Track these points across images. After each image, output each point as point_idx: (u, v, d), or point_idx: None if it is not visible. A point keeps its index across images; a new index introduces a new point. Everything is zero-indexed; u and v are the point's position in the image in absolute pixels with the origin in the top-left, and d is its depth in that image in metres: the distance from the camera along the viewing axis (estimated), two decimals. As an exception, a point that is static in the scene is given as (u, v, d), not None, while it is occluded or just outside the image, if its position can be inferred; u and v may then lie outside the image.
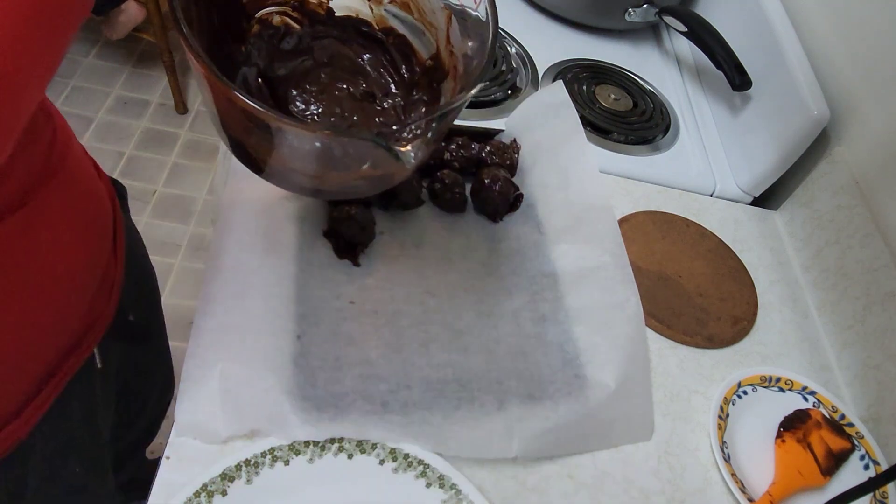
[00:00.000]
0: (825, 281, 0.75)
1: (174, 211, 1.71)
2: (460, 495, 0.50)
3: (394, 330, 0.58)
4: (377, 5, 0.59)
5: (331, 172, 0.49)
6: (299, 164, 0.48)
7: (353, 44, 0.61)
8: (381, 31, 0.60)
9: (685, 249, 0.75)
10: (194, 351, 0.52)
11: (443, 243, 0.65)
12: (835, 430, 0.62)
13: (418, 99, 0.59)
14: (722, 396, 0.62)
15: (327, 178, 0.50)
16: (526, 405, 0.55)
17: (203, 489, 0.46)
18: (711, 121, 0.94)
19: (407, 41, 0.59)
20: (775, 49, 0.82)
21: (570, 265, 0.65)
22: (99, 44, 2.03)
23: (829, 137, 0.80)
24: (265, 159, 0.47)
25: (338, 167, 0.48)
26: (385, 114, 0.60)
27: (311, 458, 0.50)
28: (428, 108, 0.58)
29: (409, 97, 0.59)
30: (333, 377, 0.53)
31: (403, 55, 0.60)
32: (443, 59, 0.56)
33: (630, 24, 1.00)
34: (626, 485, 0.56)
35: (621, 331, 0.60)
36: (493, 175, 0.67)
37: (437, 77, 0.57)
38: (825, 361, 0.71)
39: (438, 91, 0.57)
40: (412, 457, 0.51)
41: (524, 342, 0.60)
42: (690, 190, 0.84)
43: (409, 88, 0.60)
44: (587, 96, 0.90)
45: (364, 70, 0.61)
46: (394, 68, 0.61)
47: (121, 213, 0.62)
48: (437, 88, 0.57)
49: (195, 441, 0.50)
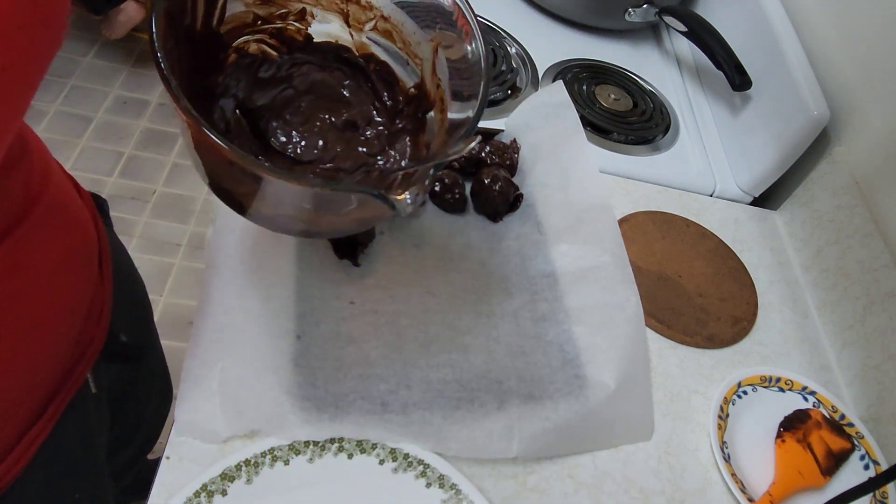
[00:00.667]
0: (825, 281, 0.75)
1: (174, 210, 1.71)
2: (460, 495, 0.50)
3: (394, 330, 0.58)
4: (358, 32, 0.57)
5: (321, 217, 0.48)
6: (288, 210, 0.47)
7: (334, 70, 0.59)
8: (361, 57, 0.58)
9: (685, 249, 0.75)
10: (194, 351, 0.52)
11: (443, 243, 0.65)
12: (835, 430, 0.62)
13: (402, 128, 0.58)
14: (722, 396, 0.62)
15: (317, 222, 0.49)
16: (526, 405, 0.55)
17: (203, 489, 0.46)
18: (711, 121, 0.94)
19: (389, 68, 0.57)
20: (775, 49, 0.82)
21: (569, 265, 0.65)
22: (98, 43, 2.03)
23: (829, 137, 0.80)
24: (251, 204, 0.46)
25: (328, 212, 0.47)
26: (368, 143, 0.58)
27: (311, 458, 0.50)
28: (412, 137, 0.57)
29: (393, 126, 0.58)
30: (333, 377, 0.53)
31: (385, 83, 0.58)
32: (428, 89, 0.54)
33: (630, 24, 1.00)
34: (626, 485, 0.56)
35: (621, 331, 0.60)
36: (493, 175, 0.67)
37: (423, 107, 0.55)
38: (825, 361, 0.71)
39: (423, 121, 0.56)
40: (412, 457, 0.51)
41: (524, 342, 0.60)
42: (690, 190, 0.84)
43: (392, 117, 0.58)
44: (587, 96, 0.90)
45: (345, 98, 0.59)
46: (376, 95, 0.59)
47: (105, 234, 0.60)
48: (421, 119, 0.56)
49: (195, 441, 0.50)
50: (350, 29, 0.57)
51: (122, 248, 0.70)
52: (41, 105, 1.84)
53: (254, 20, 0.55)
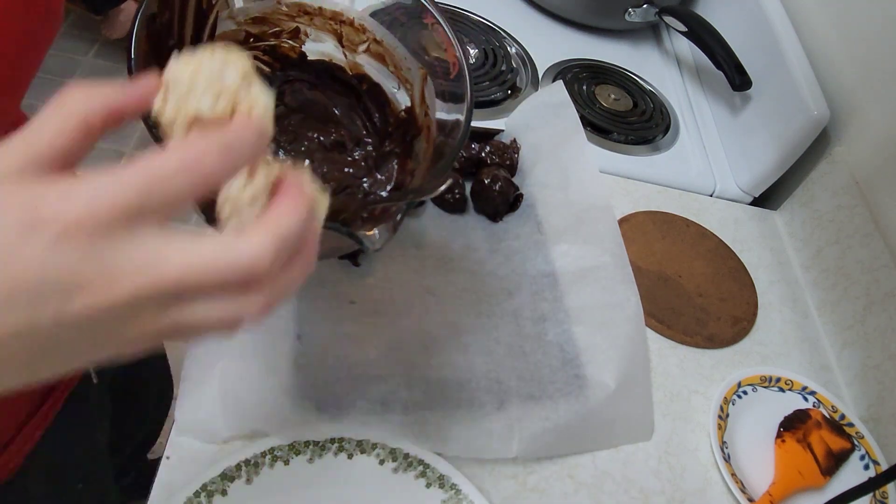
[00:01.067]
0: (825, 281, 0.75)
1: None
2: (460, 495, 0.50)
3: (394, 330, 0.58)
4: (352, 53, 0.58)
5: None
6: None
7: (326, 89, 0.59)
8: (354, 76, 0.58)
9: (685, 249, 0.75)
10: (194, 351, 0.52)
11: (443, 243, 0.65)
12: (835, 430, 0.62)
13: (390, 151, 0.58)
14: (722, 396, 0.62)
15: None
16: (526, 405, 0.55)
17: (203, 489, 0.46)
18: (711, 121, 0.94)
19: (381, 90, 0.58)
20: (775, 49, 0.82)
21: (569, 265, 0.65)
22: (98, 43, 2.03)
23: (829, 137, 0.80)
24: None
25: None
26: (355, 164, 0.58)
27: (311, 458, 0.50)
28: (400, 161, 0.57)
29: (381, 148, 0.58)
30: (333, 377, 0.53)
31: (377, 103, 0.59)
32: (416, 115, 0.55)
33: (630, 24, 1.00)
34: (626, 485, 0.56)
35: (621, 331, 0.60)
36: (493, 175, 0.67)
37: (411, 132, 0.56)
38: (825, 361, 0.71)
39: (411, 146, 0.56)
40: (412, 457, 0.51)
41: (524, 342, 0.60)
42: (690, 190, 0.84)
43: (381, 138, 0.59)
44: (587, 96, 0.90)
45: (336, 117, 0.59)
46: (367, 116, 0.59)
47: None
48: (409, 143, 0.56)
49: (195, 441, 0.50)
50: (344, 49, 0.57)
51: None
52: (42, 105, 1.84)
53: (246, 38, 0.55)
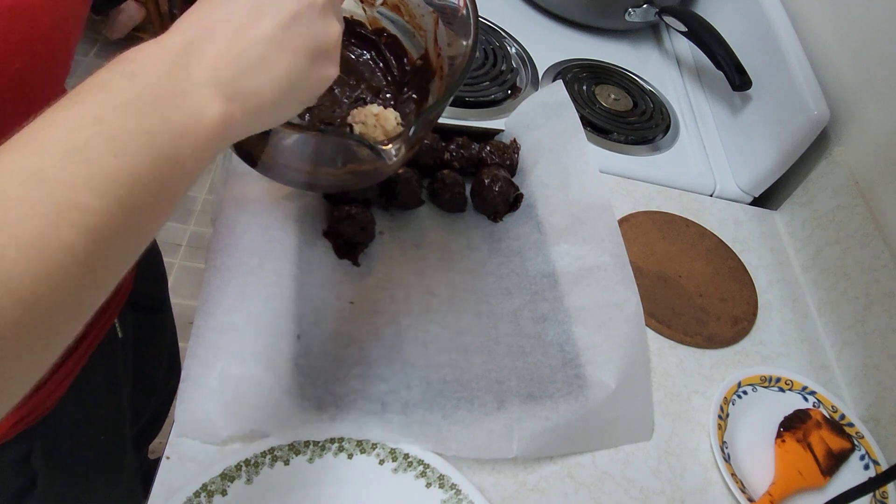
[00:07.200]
0: (825, 281, 0.75)
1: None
2: (460, 495, 0.50)
3: (394, 330, 0.58)
4: (370, 7, 0.61)
5: (321, 168, 0.52)
6: (291, 160, 0.50)
7: (348, 44, 0.62)
8: (373, 31, 0.62)
9: (685, 249, 0.75)
10: (194, 351, 0.52)
11: (443, 243, 0.65)
12: (835, 430, 0.62)
13: (408, 97, 0.61)
14: (722, 396, 0.62)
15: (318, 173, 0.53)
16: (526, 405, 0.55)
17: (203, 489, 0.46)
18: (711, 121, 0.94)
19: (398, 41, 0.61)
20: (775, 49, 0.82)
21: (569, 265, 0.65)
22: (98, 43, 2.03)
23: (829, 137, 0.80)
24: (259, 155, 0.50)
25: (327, 163, 0.51)
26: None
27: (311, 458, 0.50)
28: (418, 105, 0.60)
29: (400, 95, 0.61)
30: (333, 377, 0.53)
31: (395, 55, 0.62)
32: (431, 59, 0.58)
33: (630, 24, 1.00)
34: (626, 485, 0.56)
35: (621, 331, 0.60)
36: (493, 175, 0.67)
37: (426, 77, 0.59)
38: (825, 361, 0.71)
39: (427, 90, 0.59)
40: (412, 457, 0.51)
41: (524, 342, 0.60)
42: (690, 190, 0.84)
43: (400, 87, 0.62)
44: (587, 96, 0.90)
45: (357, 70, 0.62)
46: (386, 67, 0.63)
47: None
48: (425, 87, 0.59)
49: (195, 441, 0.50)
50: (363, 5, 0.61)
51: None
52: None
53: None
